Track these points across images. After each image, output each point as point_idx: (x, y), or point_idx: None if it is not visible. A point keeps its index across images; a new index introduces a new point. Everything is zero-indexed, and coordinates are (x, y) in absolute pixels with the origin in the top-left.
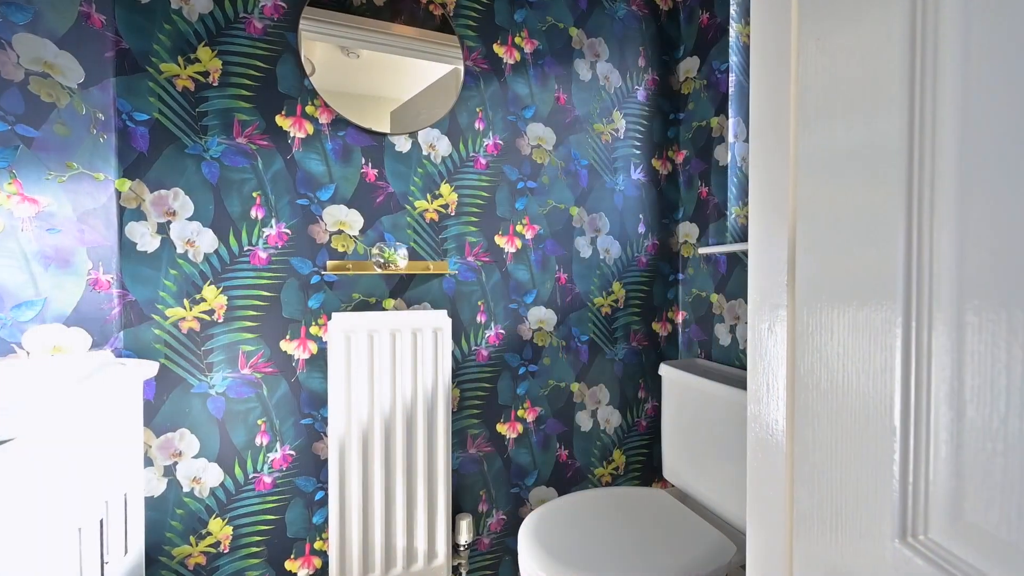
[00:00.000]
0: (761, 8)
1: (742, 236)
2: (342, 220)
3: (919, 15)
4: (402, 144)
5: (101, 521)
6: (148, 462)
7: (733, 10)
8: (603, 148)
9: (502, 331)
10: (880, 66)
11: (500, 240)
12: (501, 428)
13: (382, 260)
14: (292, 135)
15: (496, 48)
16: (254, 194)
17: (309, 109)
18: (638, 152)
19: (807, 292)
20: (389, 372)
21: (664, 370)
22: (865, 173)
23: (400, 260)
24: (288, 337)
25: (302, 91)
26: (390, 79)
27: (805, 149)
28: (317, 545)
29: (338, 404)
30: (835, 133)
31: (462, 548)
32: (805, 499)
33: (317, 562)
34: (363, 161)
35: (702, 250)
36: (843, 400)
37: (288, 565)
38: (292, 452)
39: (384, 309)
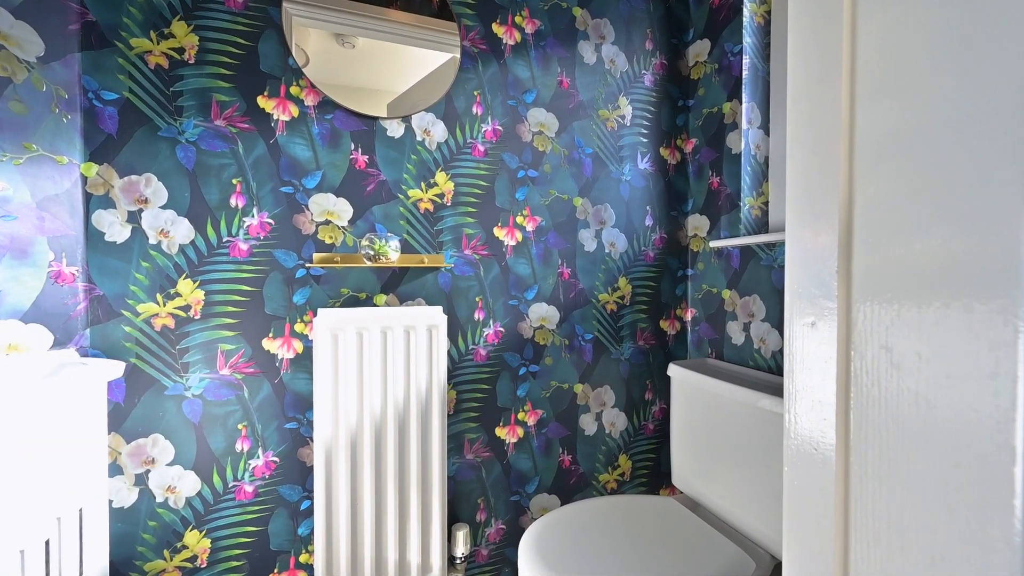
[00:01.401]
0: None
1: (757, 228)
2: (329, 210)
3: None
4: (394, 129)
5: (47, 542)
6: (117, 470)
7: None
8: (608, 136)
9: (501, 329)
10: None
11: (499, 232)
12: (500, 432)
13: (372, 252)
14: (275, 118)
15: (495, 28)
16: (234, 181)
17: (294, 90)
18: (645, 140)
19: (869, 282)
20: (380, 373)
21: (673, 370)
22: (964, 133)
23: (392, 252)
24: (271, 335)
25: (286, 70)
26: (386, 70)
27: (868, 110)
28: (303, 558)
29: (325, 407)
30: (914, 85)
31: (459, 560)
32: (868, 530)
33: None
34: (352, 147)
35: (714, 243)
36: (928, 412)
37: None
38: (275, 459)
39: (375, 305)
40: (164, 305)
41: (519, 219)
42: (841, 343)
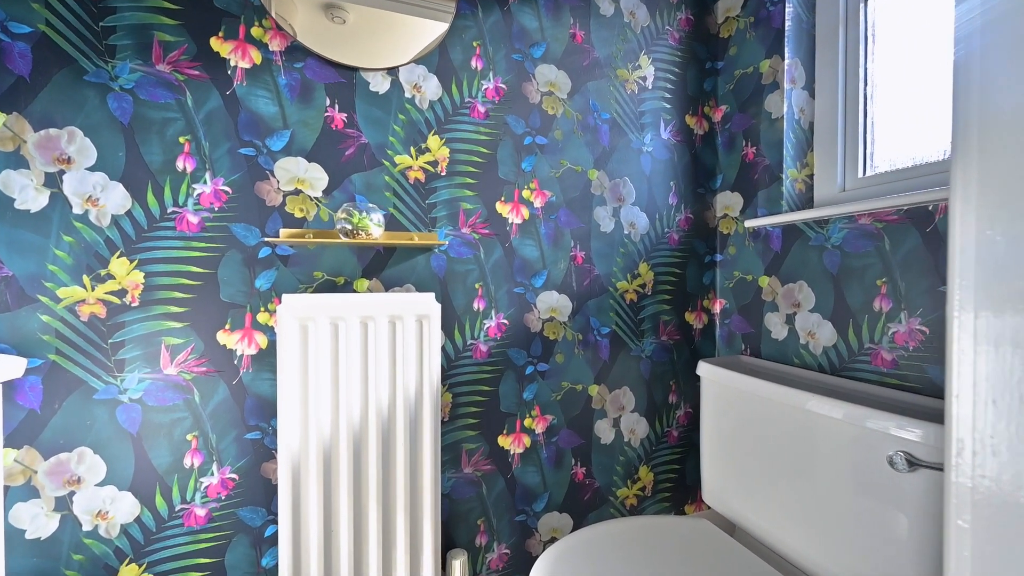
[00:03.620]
0: None
1: (801, 204)
2: (300, 177)
3: None
4: (378, 83)
5: None
6: (31, 493)
7: None
8: (628, 99)
9: (505, 321)
10: None
11: (502, 208)
12: (503, 441)
13: (350, 227)
14: (233, 64)
15: None
16: (181, 139)
17: (256, 31)
18: (669, 107)
19: None
20: (360, 372)
21: (704, 369)
22: None
23: (374, 228)
24: (228, 327)
25: (246, 7)
26: (382, 48)
27: None
28: None
29: (293, 413)
30: None
31: None
32: None
33: None
34: (328, 102)
35: (750, 223)
36: None
37: None
38: (233, 476)
39: (355, 291)
40: (92, 289)
41: (525, 193)
42: None
